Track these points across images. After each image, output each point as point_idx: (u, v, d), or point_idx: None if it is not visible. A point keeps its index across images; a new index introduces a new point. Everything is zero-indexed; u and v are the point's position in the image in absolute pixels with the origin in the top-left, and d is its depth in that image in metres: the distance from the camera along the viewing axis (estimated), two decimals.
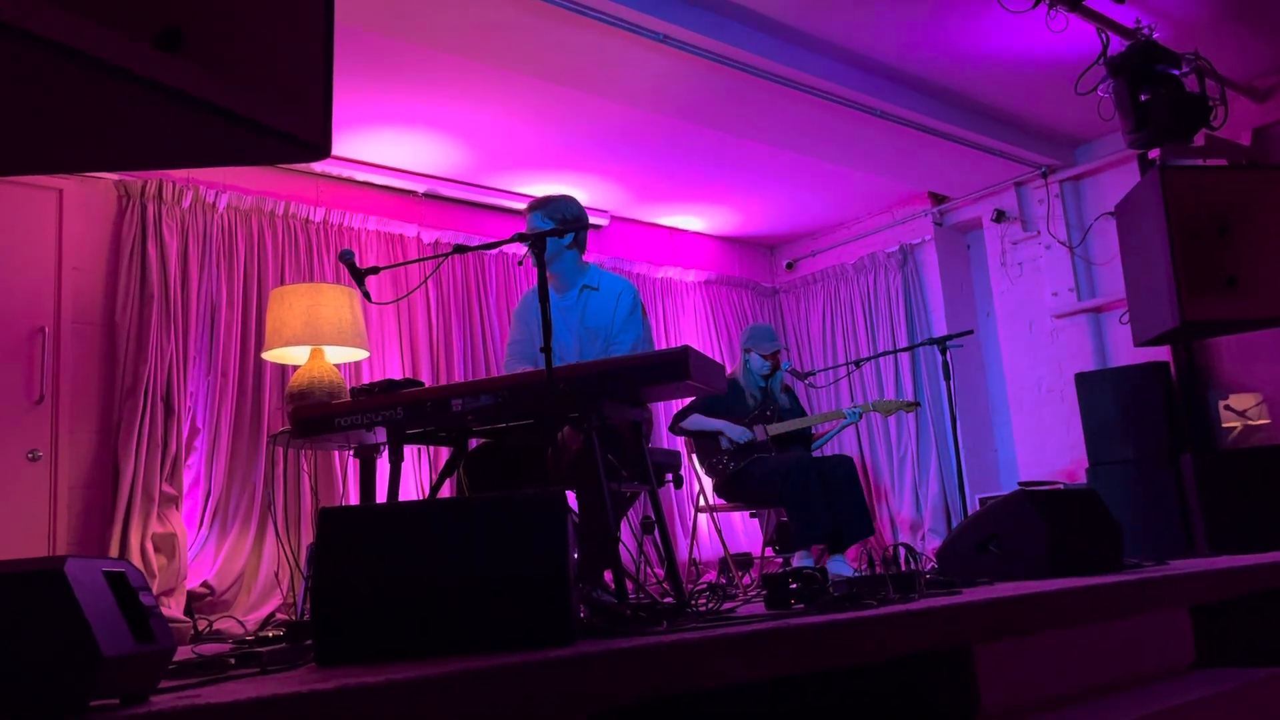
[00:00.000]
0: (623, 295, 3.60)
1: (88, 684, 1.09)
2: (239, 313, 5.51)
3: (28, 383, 4.81)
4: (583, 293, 3.64)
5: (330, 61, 1.52)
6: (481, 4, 4.36)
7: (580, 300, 3.63)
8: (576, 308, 3.63)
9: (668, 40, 4.78)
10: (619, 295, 3.60)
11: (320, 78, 1.50)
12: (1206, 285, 4.43)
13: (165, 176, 5.34)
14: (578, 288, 3.65)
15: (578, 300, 3.64)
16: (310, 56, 1.49)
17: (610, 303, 3.59)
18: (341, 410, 3.04)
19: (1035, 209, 6.99)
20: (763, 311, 8.34)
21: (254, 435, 5.45)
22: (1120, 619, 2.53)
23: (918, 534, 7.18)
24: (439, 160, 6.23)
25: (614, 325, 3.56)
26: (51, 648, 1.08)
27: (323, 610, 1.77)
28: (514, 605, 1.73)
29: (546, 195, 3.67)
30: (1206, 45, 5.03)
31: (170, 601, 4.86)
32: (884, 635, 1.92)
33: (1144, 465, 5.52)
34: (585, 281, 3.66)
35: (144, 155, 2.04)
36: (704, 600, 2.51)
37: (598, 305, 3.61)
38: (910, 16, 5.07)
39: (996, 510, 3.37)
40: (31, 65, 1.16)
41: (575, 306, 3.63)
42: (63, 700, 1.10)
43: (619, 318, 3.56)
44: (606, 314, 3.58)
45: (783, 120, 5.86)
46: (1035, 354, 6.99)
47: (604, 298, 3.62)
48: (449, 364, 6.29)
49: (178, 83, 1.29)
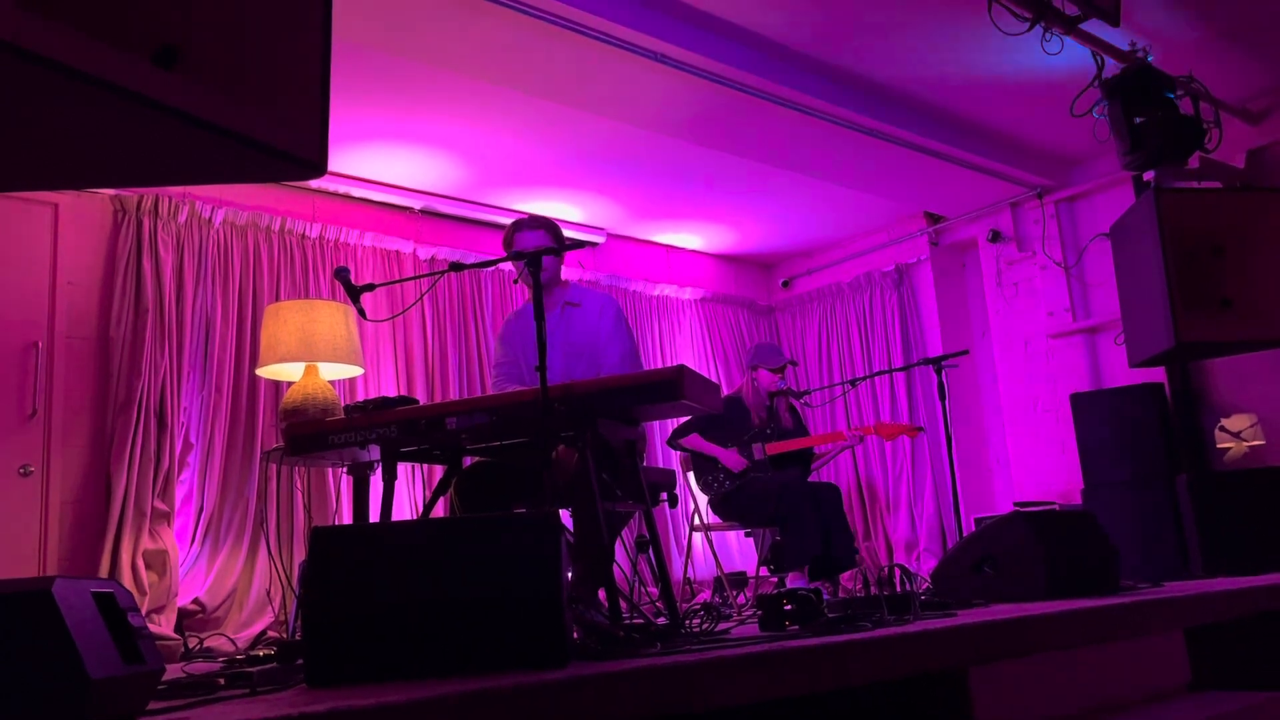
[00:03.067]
0: (605, 309, 3.62)
1: (76, 707, 1.08)
2: (233, 328, 5.49)
3: (20, 397, 4.79)
4: (565, 309, 3.65)
5: (328, 80, 1.53)
6: (480, 22, 4.37)
7: (563, 317, 3.64)
8: (560, 325, 3.63)
9: (666, 60, 4.80)
10: (601, 310, 3.62)
11: (318, 96, 1.50)
12: (1201, 307, 4.44)
13: (161, 191, 5.34)
14: (559, 305, 3.66)
15: (561, 317, 3.64)
16: (308, 75, 1.50)
17: (594, 318, 3.61)
18: (335, 428, 3.03)
19: (1031, 229, 7.01)
20: (758, 329, 8.35)
21: (247, 451, 5.43)
22: (1116, 641, 2.52)
23: (913, 553, 7.16)
24: (435, 177, 6.23)
25: (599, 339, 3.56)
26: (39, 670, 1.06)
27: (314, 630, 1.76)
28: (507, 626, 1.72)
29: (543, 216, 3.69)
30: (1201, 68, 5.06)
31: (161, 619, 4.83)
32: (879, 658, 1.91)
33: (1139, 486, 5.51)
34: (567, 299, 3.67)
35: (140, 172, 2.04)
36: (698, 620, 2.50)
37: (582, 321, 3.62)
38: (906, 38, 5.09)
39: (992, 531, 3.37)
40: (28, 82, 1.16)
41: (559, 324, 3.63)
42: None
43: (604, 332, 3.58)
44: (591, 329, 3.59)
45: (779, 139, 5.88)
46: (1031, 374, 6.99)
47: (587, 314, 3.63)
48: (444, 381, 6.28)
49: (174, 101, 1.29)
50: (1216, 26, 5.13)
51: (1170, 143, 4.58)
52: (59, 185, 1.68)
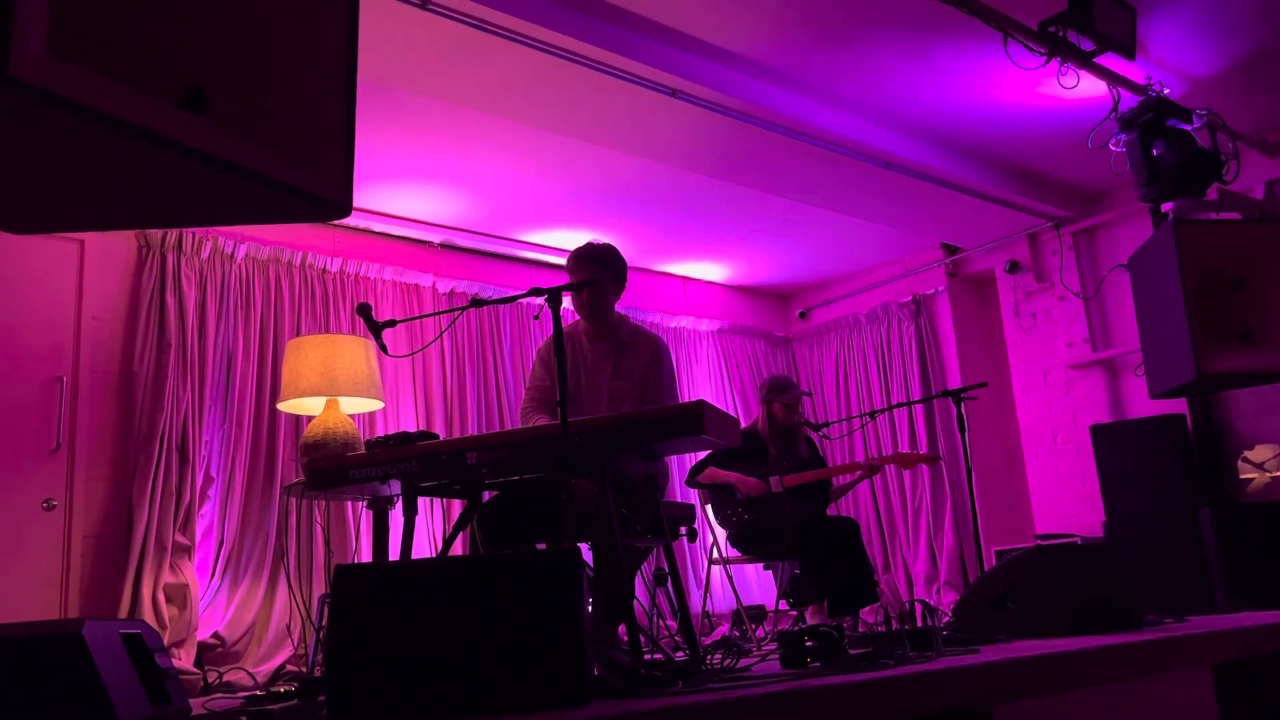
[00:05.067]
0: (657, 354, 3.63)
1: None
2: (254, 363, 5.53)
3: (44, 431, 4.83)
4: (616, 346, 3.66)
5: (352, 121, 1.55)
6: (498, 59, 4.42)
7: (614, 353, 3.65)
8: (610, 358, 3.64)
9: (682, 95, 4.84)
10: (654, 354, 3.62)
11: (342, 137, 1.52)
12: (1222, 338, 4.41)
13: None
14: (612, 340, 3.67)
15: (611, 352, 3.65)
16: (333, 116, 1.52)
17: (645, 357, 3.61)
18: (356, 462, 3.05)
19: (1049, 260, 7.00)
20: (775, 360, 8.34)
21: (267, 485, 5.45)
22: (1141, 678, 2.49)
23: (932, 586, 7.11)
24: (454, 211, 6.29)
25: (647, 382, 3.57)
26: (69, 712, 1.07)
27: (336, 669, 1.76)
28: (529, 665, 1.72)
29: (592, 243, 3.67)
30: (1218, 100, 5.06)
31: (181, 653, 4.83)
32: (904, 696, 1.90)
33: (1161, 519, 5.46)
34: (619, 334, 3.68)
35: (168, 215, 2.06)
36: (719, 657, 2.48)
37: (631, 359, 3.62)
38: (923, 71, 5.12)
39: (1014, 566, 3.34)
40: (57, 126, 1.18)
41: (609, 357, 3.64)
42: None
43: (653, 376, 3.58)
44: (639, 368, 3.60)
45: (796, 172, 5.91)
46: (1050, 405, 6.96)
47: (637, 352, 3.63)
48: (463, 415, 6.30)
49: (201, 144, 1.31)
50: (1233, 59, 5.14)
51: (1188, 175, 4.58)
52: (86, 227, 1.70)
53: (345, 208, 1.55)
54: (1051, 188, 6.68)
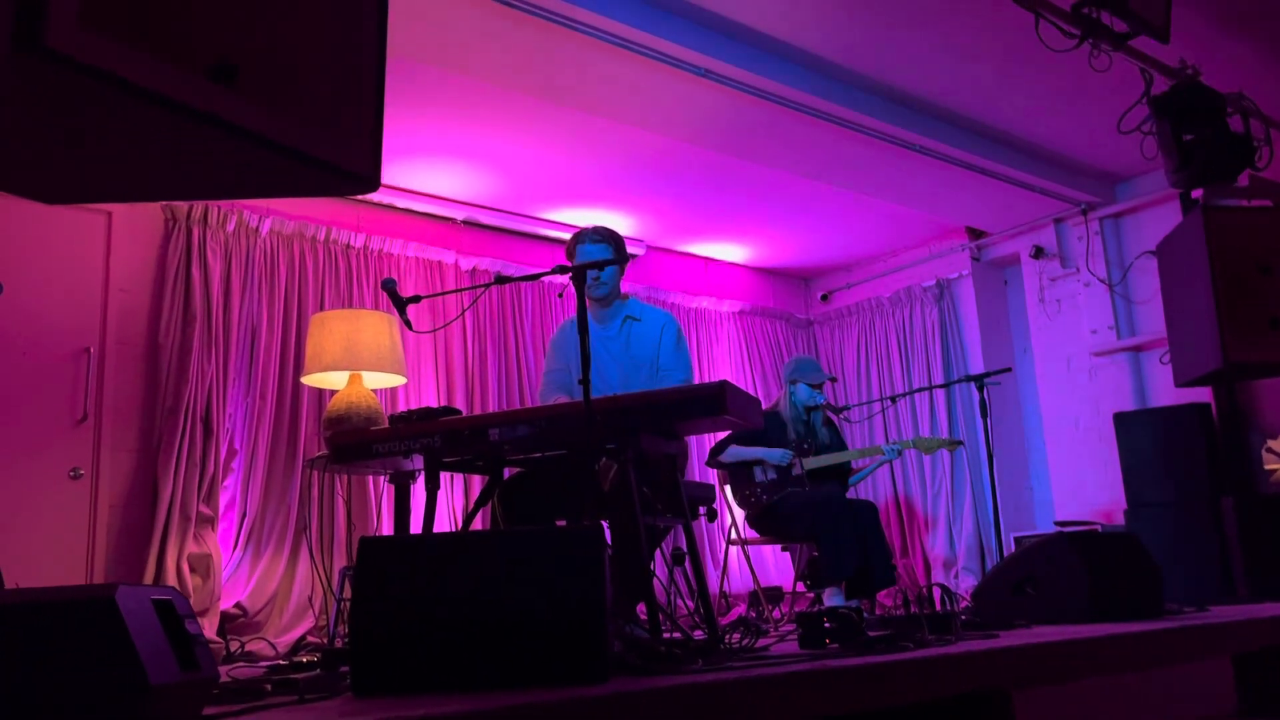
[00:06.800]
0: (666, 328, 3.63)
1: (136, 712, 1.10)
2: (279, 336, 5.57)
3: (72, 401, 4.88)
4: (625, 323, 3.66)
5: (381, 96, 1.55)
6: (524, 38, 4.41)
7: (623, 331, 3.65)
8: (619, 338, 3.64)
9: (708, 74, 4.81)
10: (663, 328, 3.63)
11: (372, 112, 1.52)
12: (1250, 327, 4.37)
13: (211, 201, 5.43)
14: (620, 318, 3.67)
15: (620, 331, 3.65)
16: (362, 91, 1.52)
17: (654, 333, 3.62)
18: (379, 437, 3.06)
19: (1074, 246, 6.94)
20: (797, 343, 8.32)
21: (290, 458, 5.49)
22: (1162, 667, 2.49)
23: (951, 571, 7.10)
24: (478, 188, 6.29)
25: (660, 358, 3.57)
26: (101, 675, 1.09)
27: (360, 640, 1.78)
28: (550, 640, 1.73)
29: (600, 226, 3.67)
30: (1251, 85, 4.98)
31: (204, 621, 4.90)
32: (923, 678, 1.90)
33: (1183, 507, 5.43)
34: (628, 312, 3.68)
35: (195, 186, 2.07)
36: (737, 636, 2.49)
37: (641, 336, 3.63)
38: (950, 53, 5.07)
39: (1034, 552, 3.34)
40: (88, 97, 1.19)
41: (618, 337, 3.64)
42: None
43: (665, 351, 3.58)
44: (651, 345, 3.60)
45: (820, 153, 5.87)
46: (1073, 392, 6.91)
47: (647, 328, 3.64)
48: (484, 391, 6.32)
49: (231, 116, 1.31)
50: (1267, 43, 5.06)
51: (1220, 160, 4.52)
52: (115, 198, 1.71)
53: (374, 182, 1.55)
54: (1079, 171, 6.62)
